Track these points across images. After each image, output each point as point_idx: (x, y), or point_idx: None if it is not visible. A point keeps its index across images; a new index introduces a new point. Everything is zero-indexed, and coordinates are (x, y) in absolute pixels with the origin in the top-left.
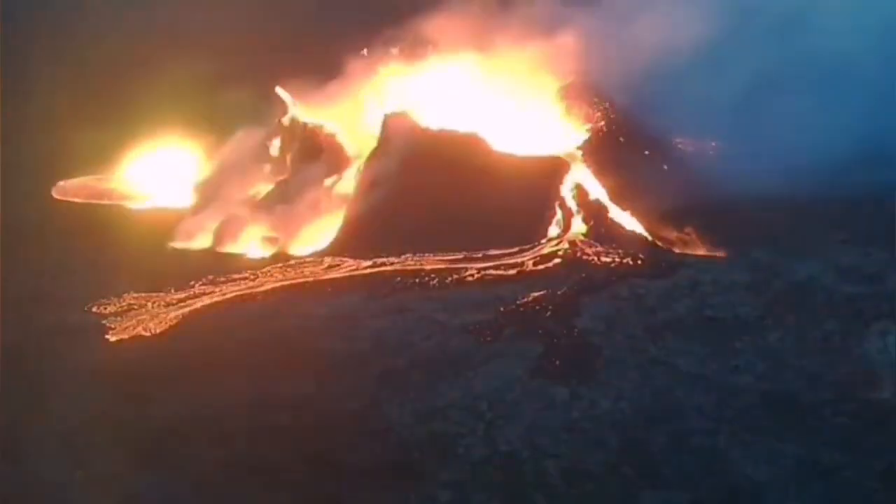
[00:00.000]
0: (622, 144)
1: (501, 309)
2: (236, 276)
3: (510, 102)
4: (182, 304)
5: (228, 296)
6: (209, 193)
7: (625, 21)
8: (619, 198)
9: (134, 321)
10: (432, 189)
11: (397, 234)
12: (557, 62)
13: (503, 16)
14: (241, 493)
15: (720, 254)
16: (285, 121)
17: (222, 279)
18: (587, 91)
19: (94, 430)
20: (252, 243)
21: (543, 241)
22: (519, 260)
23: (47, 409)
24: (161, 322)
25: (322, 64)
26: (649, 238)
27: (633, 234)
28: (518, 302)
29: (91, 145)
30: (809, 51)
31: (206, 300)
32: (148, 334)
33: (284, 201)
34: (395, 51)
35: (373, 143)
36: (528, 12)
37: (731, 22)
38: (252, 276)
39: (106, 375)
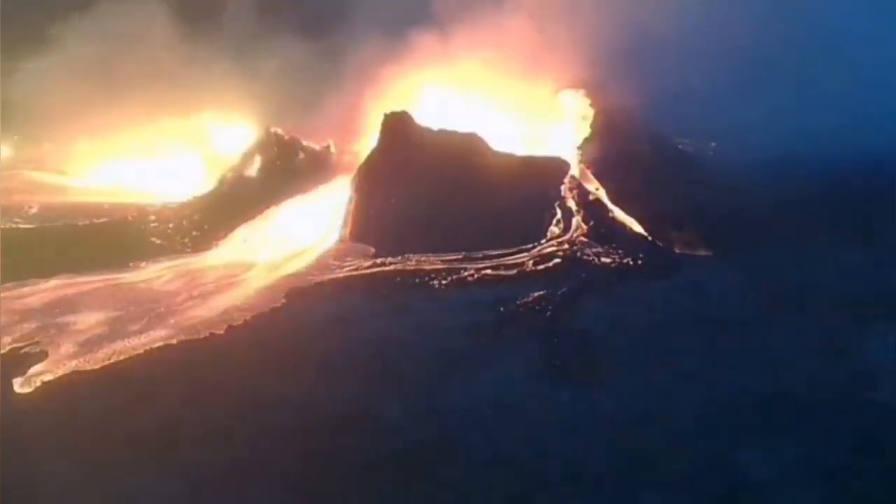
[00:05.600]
0: (623, 144)
1: (501, 309)
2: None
3: (510, 103)
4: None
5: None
6: None
7: (625, 20)
8: (619, 198)
9: None
10: (432, 189)
11: (397, 234)
12: (557, 61)
13: (502, 15)
14: (240, 493)
15: (720, 254)
16: None
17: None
18: (587, 90)
19: (94, 429)
20: None
21: (543, 241)
22: (519, 260)
23: (47, 408)
24: None
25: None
26: (649, 238)
27: (633, 234)
28: (518, 302)
29: None
30: (808, 48)
31: (206, 299)
32: None
33: None
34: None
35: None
36: (528, 12)
37: (730, 21)
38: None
39: (106, 374)
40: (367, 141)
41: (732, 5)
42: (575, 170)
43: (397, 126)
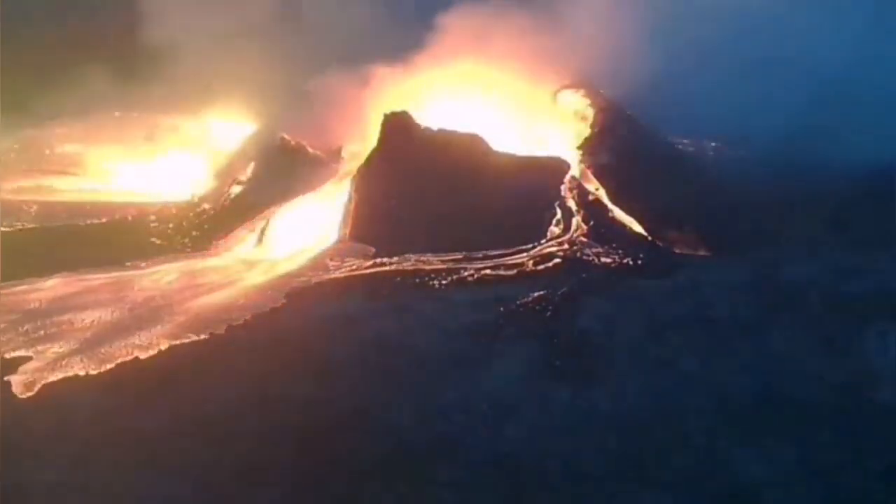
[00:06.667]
0: (622, 144)
1: (501, 309)
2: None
3: (510, 103)
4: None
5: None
6: None
7: (625, 20)
8: (619, 198)
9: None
10: (432, 189)
11: (397, 234)
12: (557, 61)
13: (502, 15)
14: (240, 493)
15: (720, 254)
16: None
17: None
18: (587, 90)
19: (94, 430)
20: None
21: (543, 241)
22: (519, 260)
23: (46, 408)
24: None
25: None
26: (649, 238)
27: (633, 234)
28: (518, 302)
29: None
30: (808, 48)
31: (207, 299)
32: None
33: None
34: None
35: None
36: (527, 11)
37: (729, 21)
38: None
39: (105, 374)
40: (367, 141)
41: (733, 5)
42: (575, 170)
43: (397, 126)
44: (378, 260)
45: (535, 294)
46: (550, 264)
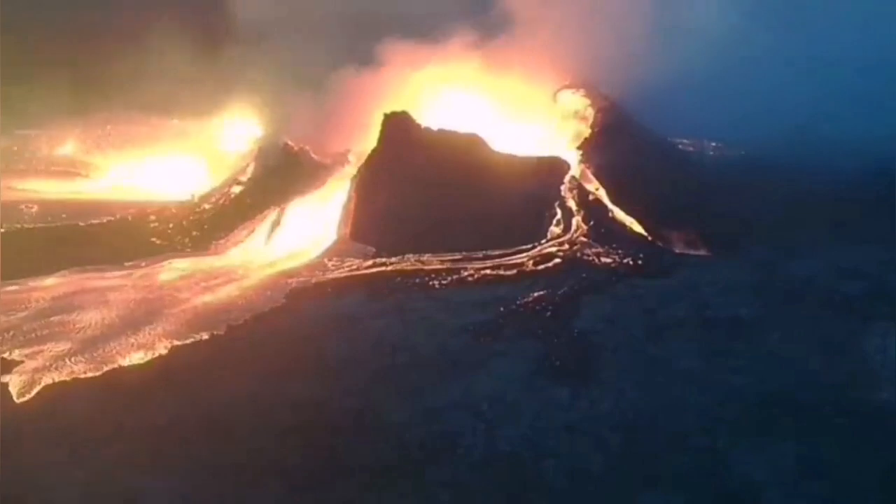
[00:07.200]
0: (622, 144)
1: (501, 309)
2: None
3: (510, 103)
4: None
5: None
6: None
7: (625, 20)
8: (619, 198)
9: None
10: (432, 189)
11: (397, 234)
12: (557, 61)
13: (503, 16)
14: (240, 493)
15: (720, 254)
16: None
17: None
18: (587, 90)
19: (93, 430)
20: None
21: (543, 241)
22: (519, 260)
23: (46, 408)
24: None
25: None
26: (649, 238)
27: (633, 234)
28: (518, 302)
29: None
30: (808, 49)
31: (207, 299)
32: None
33: None
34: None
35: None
36: (528, 12)
37: (729, 22)
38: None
39: (105, 374)
40: (367, 141)
41: (733, 3)
42: (575, 170)
43: (397, 126)
44: (378, 260)
45: (535, 294)
46: (550, 264)
